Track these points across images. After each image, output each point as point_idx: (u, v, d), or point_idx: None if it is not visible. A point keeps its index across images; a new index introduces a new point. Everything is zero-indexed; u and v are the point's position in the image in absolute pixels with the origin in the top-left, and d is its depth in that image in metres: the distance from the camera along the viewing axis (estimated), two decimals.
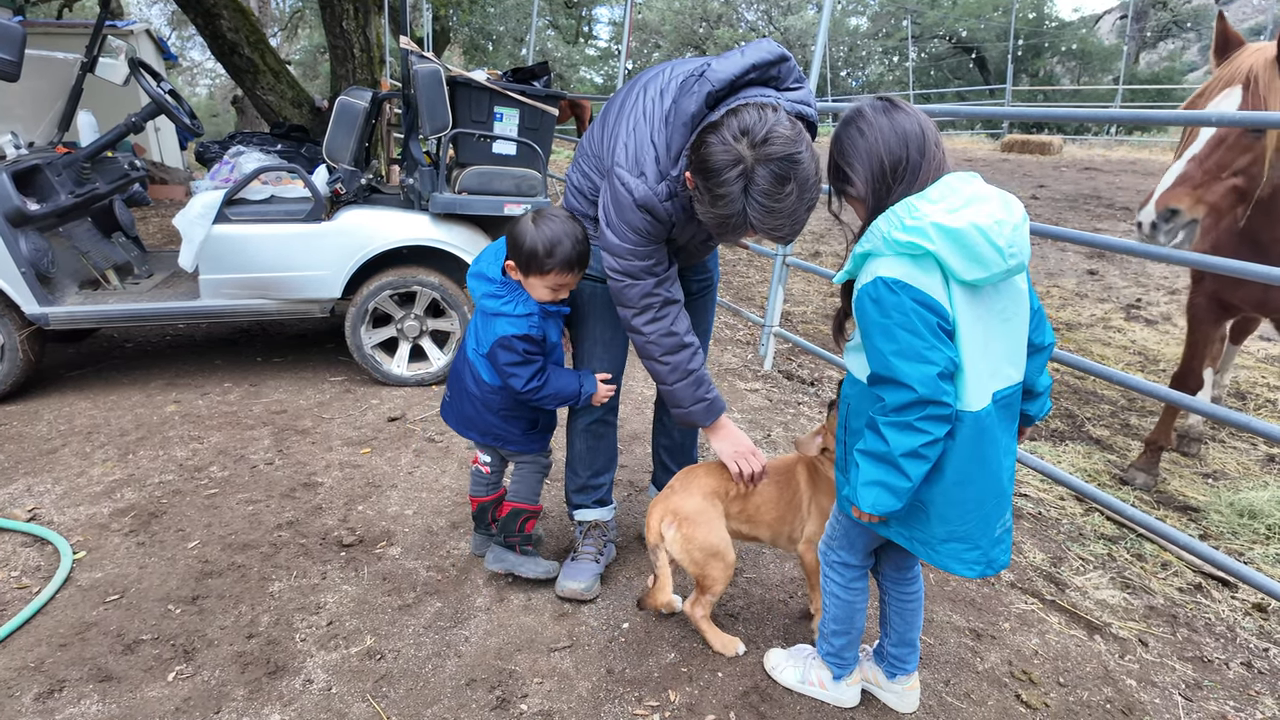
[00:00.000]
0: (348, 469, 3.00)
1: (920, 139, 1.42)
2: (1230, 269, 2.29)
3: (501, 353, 2.04)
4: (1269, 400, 4.24)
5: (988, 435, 1.46)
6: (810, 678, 1.89)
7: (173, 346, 4.39)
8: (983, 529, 1.51)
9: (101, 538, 2.50)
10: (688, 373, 1.97)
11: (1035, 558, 2.66)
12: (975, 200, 1.38)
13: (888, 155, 1.42)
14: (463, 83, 3.74)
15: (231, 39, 7.86)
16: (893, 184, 1.43)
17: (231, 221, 3.49)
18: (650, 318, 1.93)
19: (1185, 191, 2.35)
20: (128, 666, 1.95)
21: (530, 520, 2.29)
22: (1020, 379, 1.53)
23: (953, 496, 1.48)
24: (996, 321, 1.46)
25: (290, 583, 2.30)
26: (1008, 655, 2.13)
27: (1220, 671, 2.15)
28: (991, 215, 1.36)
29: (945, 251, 1.35)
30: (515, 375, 2.05)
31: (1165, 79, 21.54)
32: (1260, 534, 2.96)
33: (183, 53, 22.93)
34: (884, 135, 1.43)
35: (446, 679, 1.94)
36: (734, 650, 2.05)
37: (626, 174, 1.82)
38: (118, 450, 3.09)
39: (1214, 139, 2.38)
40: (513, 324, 2.03)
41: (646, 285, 1.91)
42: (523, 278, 2.03)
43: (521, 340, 2.02)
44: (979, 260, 1.36)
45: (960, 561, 1.53)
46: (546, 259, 1.95)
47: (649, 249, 1.88)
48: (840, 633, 1.80)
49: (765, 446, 3.37)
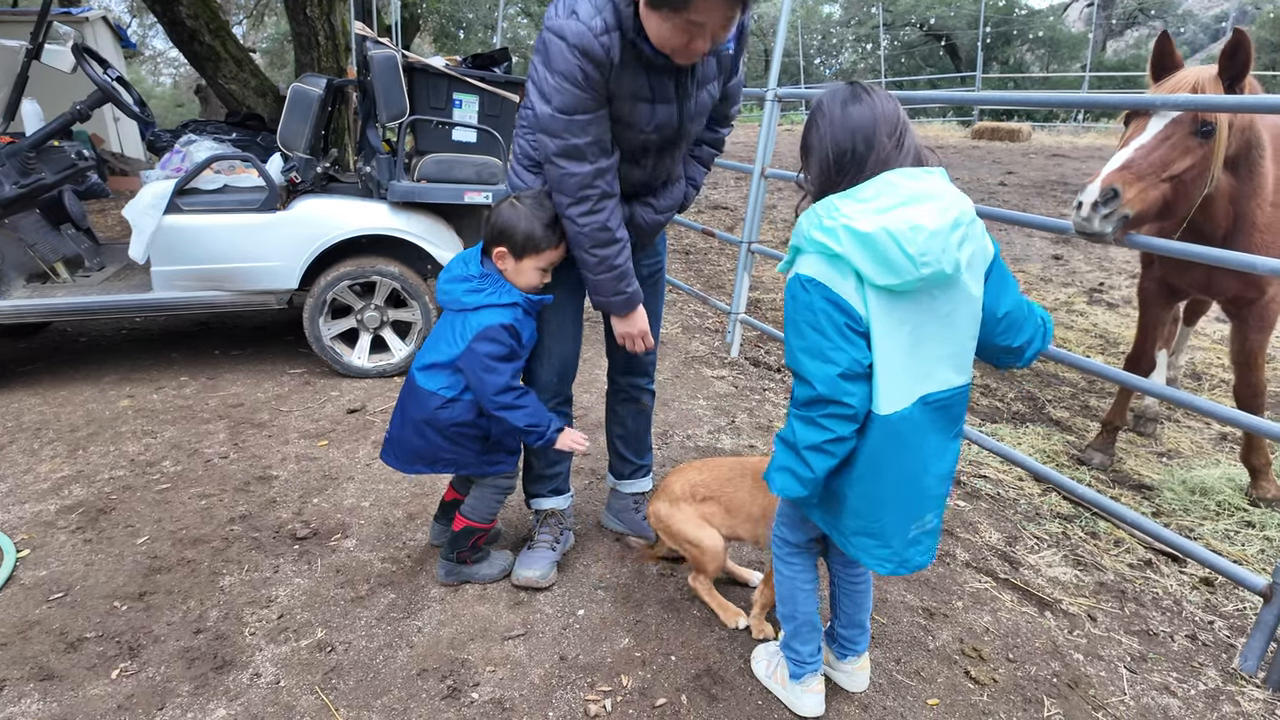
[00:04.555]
0: (304, 462, 2.96)
1: (870, 131, 1.39)
2: (1176, 251, 2.33)
3: (484, 345, 1.95)
4: (1223, 380, 4.32)
5: (905, 439, 1.45)
6: (775, 673, 1.88)
7: (128, 341, 4.30)
8: (895, 529, 1.51)
9: (47, 535, 2.45)
10: (613, 267, 1.95)
11: (991, 537, 2.69)
12: (911, 201, 1.35)
13: (834, 147, 1.41)
14: (420, 69, 3.68)
15: (191, 26, 7.68)
16: (836, 177, 1.41)
17: (183, 212, 3.42)
18: (586, 209, 1.87)
19: (1130, 176, 2.34)
20: (70, 665, 1.92)
21: (481, 537, 2.25)
22: (964, 381, 1.51)
23: (863, 493, 1.49)
24: (934, 324, 1.44)
25: (241, 577, 2.27)
26: (959, 633, 2.16)
27: (1165, 644, 2.19)
28: (911, 220, 1.32)
29: (855, 255, 1.34)
30: (495, 371, 1.95)
31: (1132, 66, 21.82)
32: (1210, 510, 3.02)
33: (144, 41, 22.39)
34: (834, 127, 1.41)
35: (397, 669, 1.92)
36: (734, 622, 2.12)
37: (557, 20, 1.71)
38: (67, 446, 3.03)
39: (1160, 134, 2.37)
40: (498, 313, 1.97)
41: (585, 174, 1.82)
42: (515, 263, 1.98)
43: (507, 330, 1.97)
44: (889, 266, 1.33)
45: (871, 556, 1.54)
46: (549, 234, 1.94)
47: (588, 116, 1.76)
48: (787, 616, 1.80)
49: (730, 433, 3.38)
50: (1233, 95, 2.33)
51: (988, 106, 17.27)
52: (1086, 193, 2.36)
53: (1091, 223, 2.34)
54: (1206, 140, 2.37)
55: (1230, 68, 2.34)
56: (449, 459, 2.13)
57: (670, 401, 3.66)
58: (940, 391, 1.48)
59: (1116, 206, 2.32)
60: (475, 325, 1.98)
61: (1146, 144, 2.38)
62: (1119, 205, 2.32)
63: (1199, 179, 2.43)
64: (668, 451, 3.17)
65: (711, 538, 2.09)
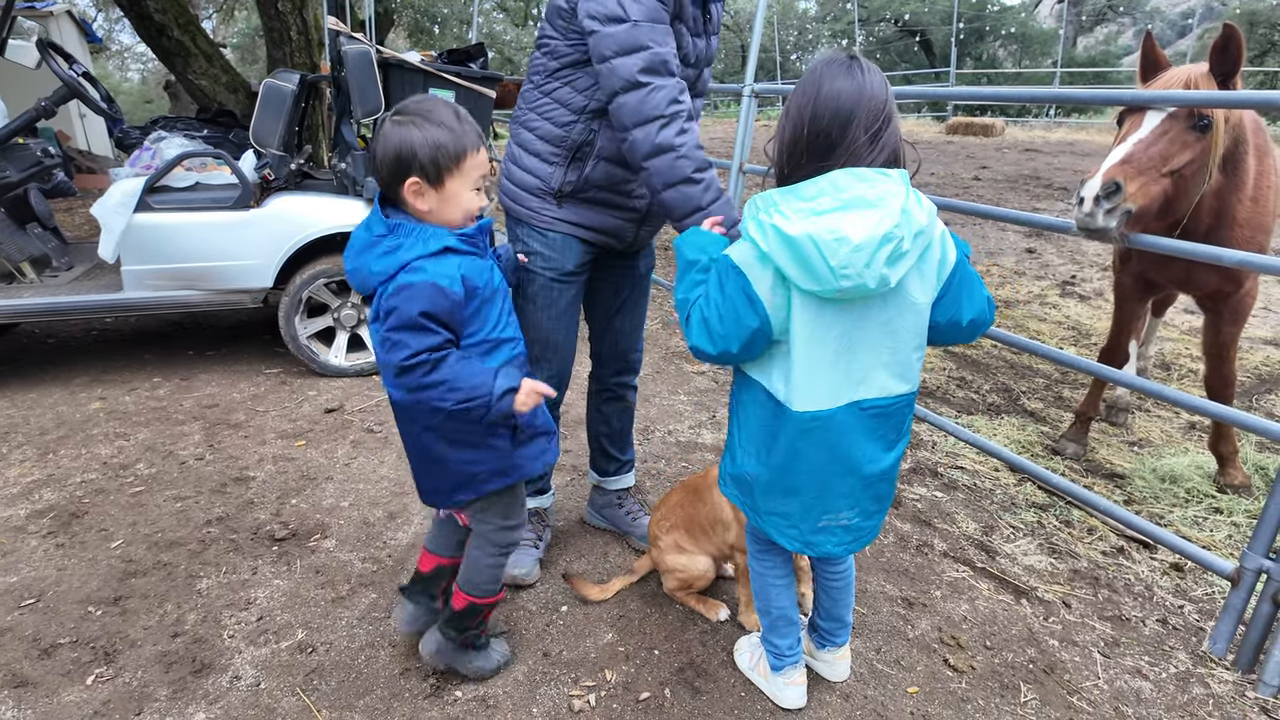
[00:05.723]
0: (281, 462, 2.93)
1: (848, 117, 1.30)
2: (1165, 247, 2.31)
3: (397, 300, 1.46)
4: (1191, 370, 4.41)
5: (826, 439, 1.46)
6: (758, 665, 1.90)
7: (98, 341, 4.22)
8: (803, 515, 1.55)
9: (17, 540, 2.40)
10: (710, 185, 1.81)
11: (968, 527, 2.73)
12: (849, 206, 1.29)
13: (811, 123, 1.32)
14: (395, 64, 3.64)
15: (159, 20, 7.54)
16: (803, 158, 1.35)
17: (154, 210, 3.36)
18: (679, 128, 1.71)
19: (1131, 170, 2.26)
20: (44, 671, 1.88)
21: (489, 612, 1.85)
22: (906, 390, 1.49)
23: (775, 480, 1.54)
24: (872, 331, 1.41)
25: (219, 579, 2.24)
26: (938, 622, 2.19)
27: (1137, 629, 2.24)
28: (837, 230, 1.26)
29: (779, 256, 1.32)
30: (399, 345, 1.46)
31: (1102, 62, 22.18)
32: (1180, 497, 3.09)
33: (111, 36, 21.93)
34: (818, 100, 1.32)
35: (380, 669, 1.91)
36: (716, 615, 2.13)
37: None
38: (36, 450, 2.97)
39: (1158, 129, 2.31)
40: (427, 269, 1.47)
41: (673, 86, 1.70)
42: (436, 192, 1.52)
43: (438, 289, 1.46)
44: (811, 273, 1.30)
45: (781, 534, 1.59)
46: (464, 137, 1.51)
47: (667, 26, 1.71)
48: (762, 610, 1.81)
49: (711, 427, 3.40)
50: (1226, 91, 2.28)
51: (962, 102, 17.45)
52: (1087, 187, 2.26)
53: (1095, 218, 2.25)
54: (1204, 135, 2.31)
55: (1222, 63, 2.29)
56: (488, 470, 1.67)
57: (651, 397, 3.66)
58: (878, 399, 1.46)
59: (1119, 201, 2.24)
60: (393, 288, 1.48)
61: (1145, 138, 2.31)
62: (1121, 200, 2.24)
63: (1198, 174, 2.38)
64: (649, 447, 3.18)
65: (680, 565, 2.12)
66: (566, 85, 1.89)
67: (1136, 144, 2.30)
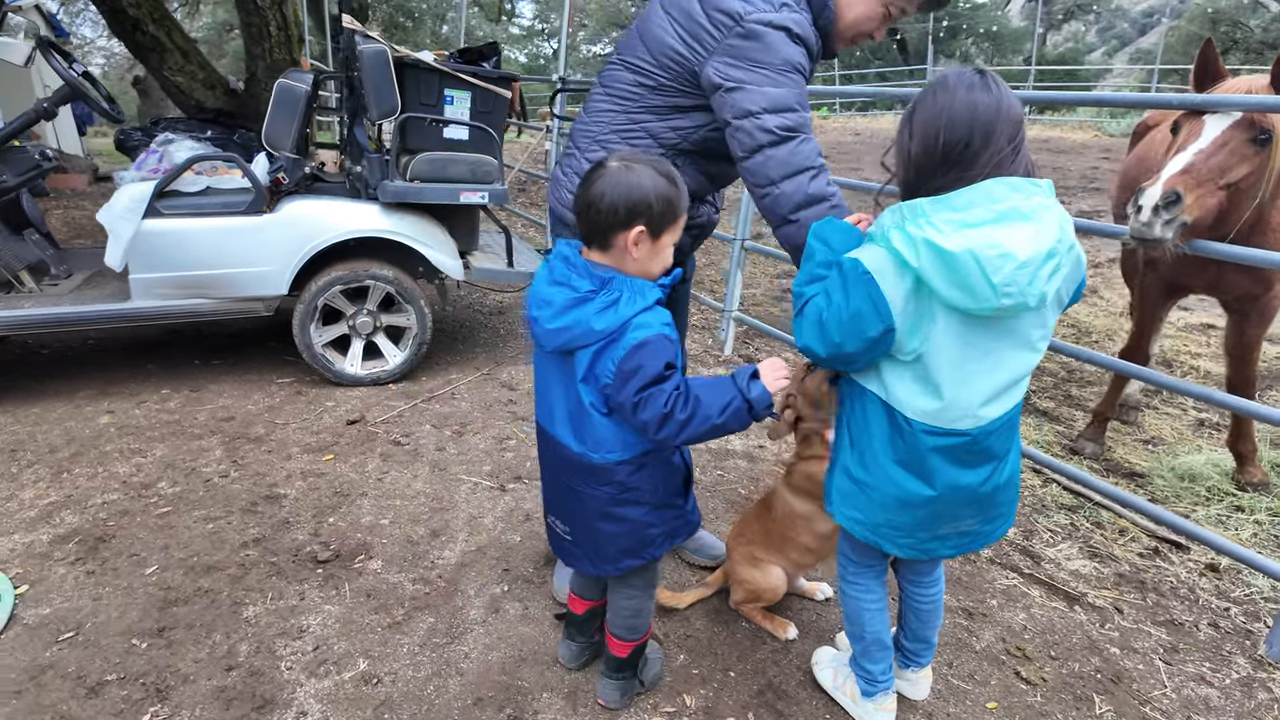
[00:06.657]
0: (311, 478, 2.83)
1: (991, 126, 1.27)
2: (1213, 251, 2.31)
3: (640, 358, 1.43)
4: (1193, 367, 4.50)
5: (955, 456, 1.45)
6: (844, 685, 1.87)
7: (97, 351, 4.06)
8: (923, 525, 1.53)
9: (44, 568, 2.29)
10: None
11: (1009, 532, 2.74)
12: (1005, 219, 1.25)
13: (947, 133, 1.29)
14: (410, 64, 3.54)
15: (134, 15, 7.29)
16: (939, 169, 1.30)
17: (164, 216, 3.23)
18: (827, 177, 1.74)
19: (1191, 181, 2.22)
20: (95, 711, 1.79)
21: (644, 642, 1.84)
22: (1022, 396, 1.48)
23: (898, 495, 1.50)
24: (1016, 348, 1.39)
25: (266, 606, 2.16)
26: (1000, 632, 2.19)
27: (1192, 634, 2.26)
28: (1001, 245, 1.23)
29: (931, 273, 1.28)
30: (652, 398, 1.43)
31: (1071, 60, 22.59)
32: (1201, 496, 3.14)
33: (72, 28, 21.16)
34: (954, 112, 1.29)
35: (452, 700, 1.85)
36: (785, 634, 2.11)
37: (767, 12, 1.68)
38: (49, 469, 2.84)
39: (1218, 140, 2.27)
40: (646, 324, 1.45)
41: (814, 141, 1.74)
42: (653, 243, 1.49)
43: (666, 340, 1.46)
44: (969, 291, 1.26)
45: (892, 542, 1.56)
46: (684, 196, 1.52)
47: (805, 91, 1.75)
48: (855, 635, 1.78)
49: (740, 435, 3.36)
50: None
51: None
52: (1147, 195, 2.20)
53: (1153, 228, 2.20)
54: (1262, 149, 2.27)
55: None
56: (662, 533, 1.66)
57: None
58: (1005, 413, 1.45)
59: (1177, 212, 2.19)
60: (625, 345, 1.45)
61: (1205, 148, 2.26)
62: (1179, 210, 2.20)
63: (1253, 188, 2.34)
64: None
65: (754, 579, 2.09)
66: (662, 121, 1.87)
67: (1197, 154, 2.25)
